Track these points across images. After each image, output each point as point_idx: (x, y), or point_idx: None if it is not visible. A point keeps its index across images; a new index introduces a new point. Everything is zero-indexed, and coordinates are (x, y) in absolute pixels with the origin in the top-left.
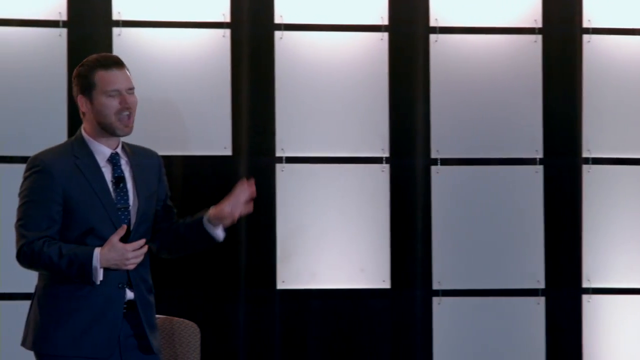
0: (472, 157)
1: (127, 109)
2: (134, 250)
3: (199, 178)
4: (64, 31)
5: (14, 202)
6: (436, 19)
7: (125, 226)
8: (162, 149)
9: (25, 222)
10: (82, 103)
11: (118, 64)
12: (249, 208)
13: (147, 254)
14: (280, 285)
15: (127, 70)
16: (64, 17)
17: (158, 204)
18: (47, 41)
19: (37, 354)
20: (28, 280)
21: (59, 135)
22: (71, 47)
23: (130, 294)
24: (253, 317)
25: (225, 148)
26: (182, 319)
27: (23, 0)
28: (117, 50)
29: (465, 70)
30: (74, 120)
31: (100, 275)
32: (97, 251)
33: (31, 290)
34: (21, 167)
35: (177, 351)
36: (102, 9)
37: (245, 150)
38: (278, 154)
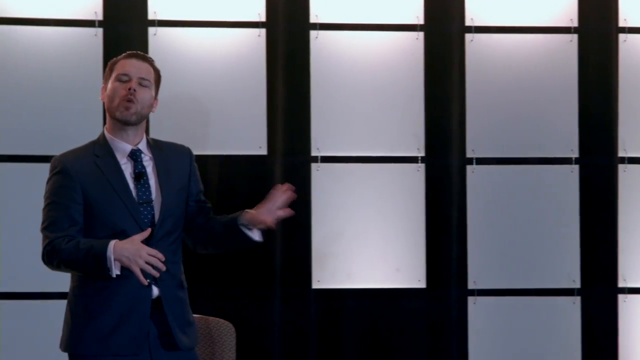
0: (508, 156)
1: (130, 94)
2: (149, 255)
3: (234, 178)
4: (99, 31)
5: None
6: (472, 19)
7: (149, 230)
8: (197, 149)
9: (48, 224)
10: (102, 92)
11: (140, 56)
12: (289, 212)
13: (180, 250)
14: (315, 285)
15: (151, 66)
16: (100, 17)
17: (190, 199)
18: (83, 41)
19: (69, 355)
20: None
21: (94, 134)
22: (107, 46)
23: (156, 291)
24: (288, 316)
25: (260, 147)
26: (217, 319)
27: (59, 0)
28: (152, 50)
29: (501, 69)
30: None
31: (117, 269)
32: (112, 242)
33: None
34: None
35: (212, 350)
36: (137, 8)
37: (280, 149)
38: (313, 153)
